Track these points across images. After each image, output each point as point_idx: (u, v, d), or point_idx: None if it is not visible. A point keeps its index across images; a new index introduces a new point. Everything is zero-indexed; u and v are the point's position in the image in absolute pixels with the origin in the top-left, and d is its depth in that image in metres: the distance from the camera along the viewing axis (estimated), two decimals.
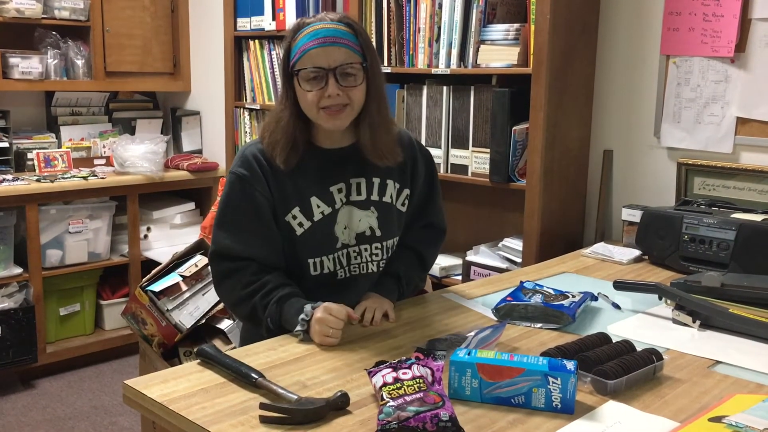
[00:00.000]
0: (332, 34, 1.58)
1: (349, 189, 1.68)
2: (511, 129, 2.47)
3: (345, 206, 1.68)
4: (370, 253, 1.72)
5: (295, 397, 1.22)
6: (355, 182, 1.69)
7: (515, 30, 2.45)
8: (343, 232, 1.68)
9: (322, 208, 1.65)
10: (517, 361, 1.24)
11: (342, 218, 1.67)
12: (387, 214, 1.73)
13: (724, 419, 1.13)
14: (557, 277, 2.07)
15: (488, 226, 2.85)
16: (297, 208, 1.64)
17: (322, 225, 1.66)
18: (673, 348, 1.53)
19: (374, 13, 2.86)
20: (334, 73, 1.57)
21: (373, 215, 1.70)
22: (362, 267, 1.72)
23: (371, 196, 1.70)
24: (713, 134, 2.39)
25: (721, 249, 2.04)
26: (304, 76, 1.57)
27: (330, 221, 1.66)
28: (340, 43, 1.58)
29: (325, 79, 1.57)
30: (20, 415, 3.03)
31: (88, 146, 3.71)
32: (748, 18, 2.28)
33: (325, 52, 1.57)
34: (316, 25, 1.59)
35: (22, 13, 3.32)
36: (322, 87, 1.57)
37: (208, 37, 3.81)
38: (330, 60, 1.57)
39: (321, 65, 1.56)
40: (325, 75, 1.57)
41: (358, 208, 1.69)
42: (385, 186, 1.72)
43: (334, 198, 1.67)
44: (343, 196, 1.68)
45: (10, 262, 3.23)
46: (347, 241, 1.69)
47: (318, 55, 1.56)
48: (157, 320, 2.22)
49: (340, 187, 1.67)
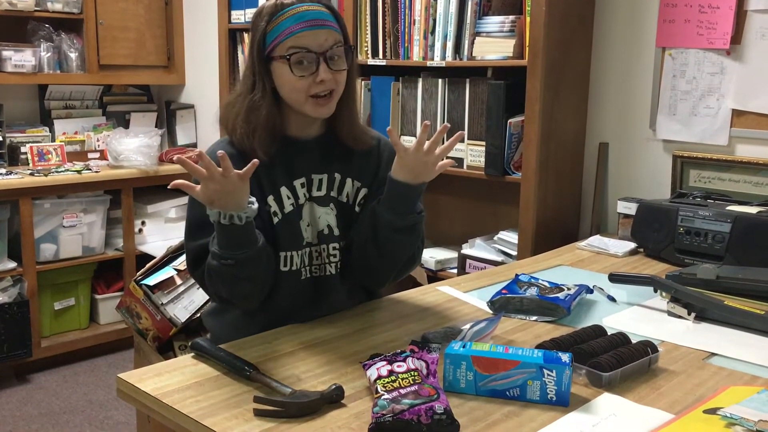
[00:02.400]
0: (318, 17, 1.51)
1: (311, 184, 1.62)
2: (507, 122, 2.46)
3: (308, 202, 1.62)
4: (328, 254, 1.63)
5: (290, 390, 1.22)
6: (317, 178, 1.62)
7: (511, 22, 2.45)
8: (306, 229, 1.61)
9: (291, 200, 1.59)
10: (512, 353, 1.24)
11: (305, 215, 1.61)
12: (344, 213, 1.65)
13: (718, 411, 1.13)
14: (552, 269, 2.07)
15: (483, 219, 2.85)
16: (271, 196, 1.58)
17: (291, 218, 1.59)
18: (668, 340, 1.53)
19: (369, 5, 2.84)
20: (324, 56, 1.51)
21: (332, 212, 1.63)
22: (322, 268, 1.63)
23: (331, 192, 1.63)
24: (709, 126, 2.39)
25: (716, 241, 2.04)
26: (295, 59, 1.49)
27: (297, 215, 1.60)
28: (325, 26, 1.52)
29: (315, 64, 1.50)
30: (15, 409, 3.02)
31: (82, 140, 3.69)
32: (744, 10, 2.27)
33: (314, 34, 1.50)
34: (299, 6, 1.51)
35: (14, 5, 3.30)
36: (313, 72, 1.50)
37: (203, 29, 3.79)
38: (319, 43, 1.50)
39: (312, 48, 1.50)
40: (315, 59, 1.50)
41: (318, 204, 1.62)
42: (343, 184, 1.65)
43: (297, 193, 1.60)
44: (306, 191, 1.61)
45: (4, 256, 3.22)
46: (310, 239, 1.62)
47: (307, 37, 1.49)
48: (152, 314, 2.21)
49: (303, 181, 1.61)
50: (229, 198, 1.37)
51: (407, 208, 1.56)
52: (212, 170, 1.34)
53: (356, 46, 2.88)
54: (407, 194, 1.54)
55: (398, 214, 1.55)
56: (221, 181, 1.34)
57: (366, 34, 2.87)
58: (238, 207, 1.38)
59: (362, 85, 2.89)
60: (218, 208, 1.38)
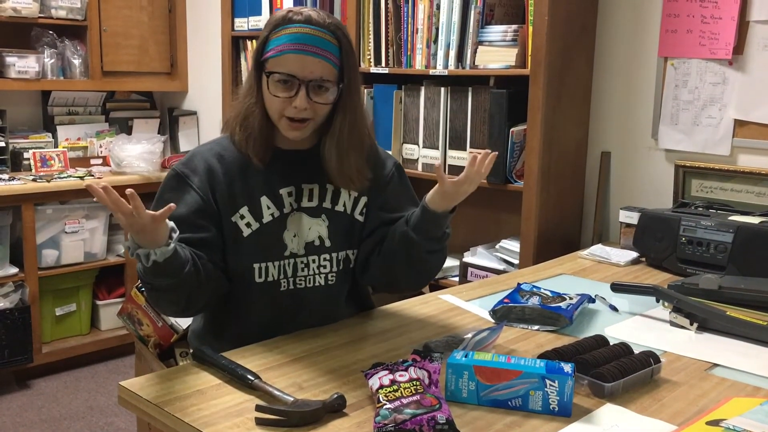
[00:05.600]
0: (313, 43, 1.48)
1: (300, 194, 1.59)
2: (509, 130, 2.46)
3: (295, 212, 1.59)
4: (318, 265, 1.61)
5: (291, 398, 1.21)
6: (308, 188, 1.60)
7: (513, 31, 2.45)
8: (292, 240, 1.58)
9: (272, 210, 1.57)
10: (514, 363, 1.23)
11: (291, 225, 1.58)
12: (339, 224, 1.63)
13: (722, 423, 1.13)
14: (554, 278, 2.07)
15: (485, 228, 2.85)
16: (246, 207, 1.55)
17: (270, 227, 1.57)
18: (670, 350, 1.53)
19: (372, 14, 2.85)
20: (306, 85, 1.48)
21: (323, 224, 1.61)
22: (309, 279, 1.61)
23: (323, 203, 1.61)
24: (711, 136, 2.39)
25: (718, 251, 2.04)
26: (274, 79, 1.49)
27: (279, 226, 1.57)
28: (320, 55, 1.48)
29: (295, 89, 1.48)
30: (15, 415, 3.01)
31: (85, 146, 3.70)
32: (746, 20, 2.28)
33: (302, 61, 1.47)
34: (303, 27, 1.48)
35: (18, 12, 3.31)
36: (291, 96, 1.49)
37: (206, 37, 3.81)
38: (305, 71, 1.48)
39: (295, 74, 1.48)
40: (297, 85, 1.48)
41: (308, 215, 1.59)
42: (338, 194, 1.62)
43: (283, 201, 1.58)
44: (293, 200, 1.59)
45: (6, 261, 3.22)
46: (296, 250, 1.59)
47: (293, 62, 1.48)
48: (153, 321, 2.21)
49: (290, 190, 1.58)
50: (142, 235, 1.33)
51: (441, 231, 1.59)
52: (121, 206, 1.28)
53: (359, 54, 2.88)
54: (442, 220, 1.57)
55: (433, 238, 1.58)
56: (131, 219, 1.29)
57: (369, 42, 2.88)
58: (152, 243, 1.34)
59: (365, 93, 2.89)
60: (134, 240, 1.35)
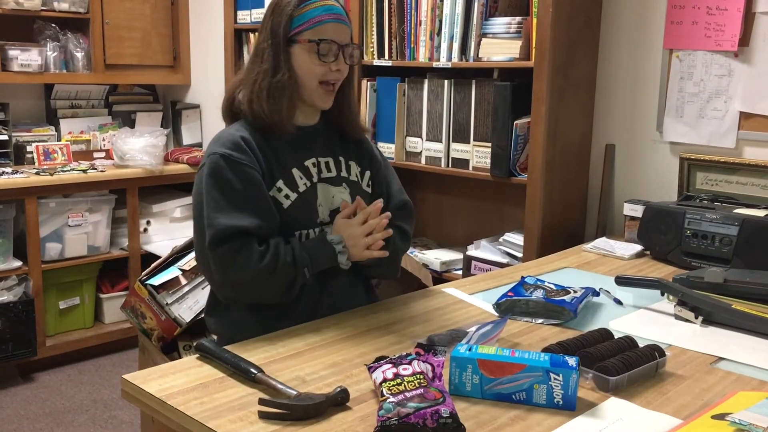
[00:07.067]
0: (340, 12, 1.66)
1: (320, 166, 1.71)
2: (513, 123, 2.45)
3: (320, 183, 1.70)
4: None
5: (295, 392, 1.21)
6: (323, 161, 1.72)
7: (517, 23, 2.44)
8: (319, 208, 1.69)
9: (304, 179, 1.67)
10: (518, 357, 1.23)
11: (320, 194, 1.69)
12: (356, 192, 1.74)
13: (727, 416, 1.12)
14: (558, 272, 2.06)
15: (489, 221, 2.84)
16: (281, 180, 1.64)
17: (306, 196, 1.66)
18: (675, 344, 1.52)
19: (375, 6, 2.84)
20: (344, 50, 1.65)
21: (345, 191, 1.73)
22: None
23: (341, 173, 1.74)
24: (716, 129, 2.37)
25: (723, 244, 2.03)
26: (323, 48, 1.62)
27: (312, 195, 1.68)
28: (347, 22, 1.67)
29: (335, 55, 1.64)
30: (19, 408, 3.02)
31: (88, 139, 3.69)
32: (752, 12, 2.26)
33: (338, 28, 1.64)
34: (324, 0, 1.64)
35: (21, 5, 3.30)
36: (332, 61, 1.63)
37: (209, 29, 3.79)
38: (342, 36, 1.65)
39: (337, 40, 1.64)
40: (338, 50, 1.64)
41: (330, 184, 1.71)
42: (349, 166, 1.76)
43: (310, 172, 1.69)
44: (317, 171, 1.70)
45: (10, 255, 3.22)
46: (323, 218, 1.69)
47: (333, 30, 1.63)
48: (157, 314, 2.21)
49: (313, 161, 1.70)
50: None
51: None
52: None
53: (362, 45, 2.88)
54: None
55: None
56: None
57: (372, 34, 2.87)
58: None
59: (368, 85, 2.88)
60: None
